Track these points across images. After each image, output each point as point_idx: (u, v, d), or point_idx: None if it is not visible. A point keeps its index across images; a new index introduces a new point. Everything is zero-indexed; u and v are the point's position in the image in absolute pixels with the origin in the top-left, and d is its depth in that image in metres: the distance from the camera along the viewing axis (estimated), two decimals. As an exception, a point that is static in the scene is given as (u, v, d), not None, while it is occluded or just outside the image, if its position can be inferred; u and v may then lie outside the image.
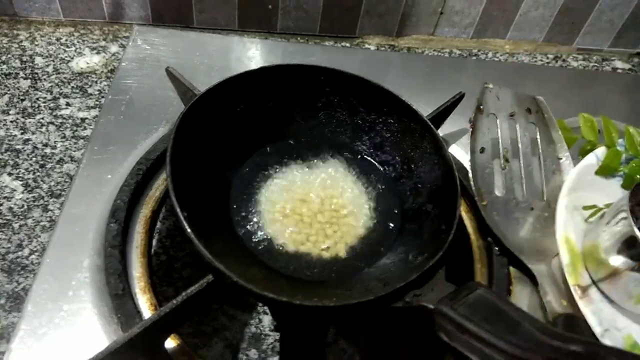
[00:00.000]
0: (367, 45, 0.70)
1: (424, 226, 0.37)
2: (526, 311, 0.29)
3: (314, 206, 0.39)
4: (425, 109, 0.42)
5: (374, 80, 0.42)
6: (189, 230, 0.29)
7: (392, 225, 0.39)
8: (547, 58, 0.73)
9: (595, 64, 0.73)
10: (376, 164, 0.43)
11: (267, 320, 0.40)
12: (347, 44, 0.70)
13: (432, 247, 0.34)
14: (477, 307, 0.28)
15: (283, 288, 0.33)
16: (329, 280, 0.36)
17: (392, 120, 0.42)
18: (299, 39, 0.69)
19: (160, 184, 0.40)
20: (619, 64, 0.74)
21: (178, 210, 0.30)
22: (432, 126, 0.39)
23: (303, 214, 0.39)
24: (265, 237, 0.37)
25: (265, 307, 0.41)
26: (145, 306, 0.34)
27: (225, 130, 0.40)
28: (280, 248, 0.37)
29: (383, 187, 0.42)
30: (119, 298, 0.33)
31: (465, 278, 0.39)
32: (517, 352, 0.24)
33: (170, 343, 0.33)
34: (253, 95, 0.41)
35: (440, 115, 0.45)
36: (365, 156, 0.44)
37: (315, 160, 0.43)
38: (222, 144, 0.39)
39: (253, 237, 0.37)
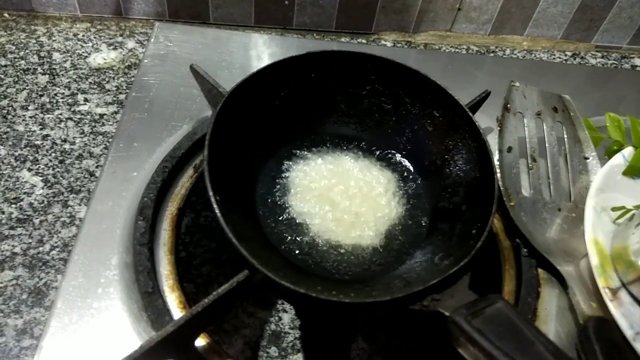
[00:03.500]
0: (383, 42, 0.70)
1: (456, 227, 0.37)
2: (551, 320, 0.29)
3: (345, 200, 0.39)
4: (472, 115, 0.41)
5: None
6: (230, 234, 0.29)
7: (424, 222, 0.39)
8: (565, 55, 0.72)
9: (614, 62, 0.73)
10: (415, 157, 0.43)
11: (286, 318, 0.40)
12: (364, 40, 0.69)
13: (459, 251, 0.33)
14: (492, 322, 0.27)
15: (304, 281, 0.33)
16: (355, 275, 0.36)
17: (437, 114, 0.40)
18: (314, 35, 0.69)
19: (185, 181, 0.40)
20: (638, 61, 0.73)
21: (221, 219, 0.29)
22: (478, 124, 0.38)
23: (333, 206, 0.38)
24: (292, 230, 0.37)
25: (285, 305, 0.41)
26: (174, 304, 0.34)
27: (265, 116, 0.39)
28: (307, 241, 0.36)
29: (419, 182, 0.41)
30: (148, 296, 0.33)
31: (492, 280, 0.39)
32: None
33: (200, 341, 0.33)
34: (297, 81, 0.40)
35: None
36: (407, 148, 0.43)
37: (353, 152, 0.43)
38: (261, 131, 0.39)
39: (280, 230, 0.37)
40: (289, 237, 0.37)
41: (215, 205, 0.29)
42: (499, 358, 0.25)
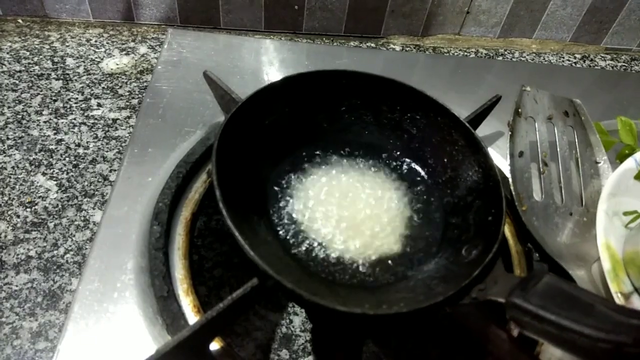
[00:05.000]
0: (392, 46, 0.70)
1: (469, 219, 0.37)
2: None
3: (354, 209, 0.39)
4: (453, 110, 0.42)
5: (401, 80, 0.41)
6: (247, 247, 0.29)
7: (436, 220, 0.39)
8: (575, 58, 0.72)
9: (624, 64, 0.72)
10: (407, 160, 0.43)
11: (297, 320, 0.40)
12: (373, 44, 0.69)
13: (484, 239, 0.33)
14: (548, 295, 0.27)
15: (350, 297, 0.33)
16: (390, 283, 0.36)
17: (418, 117, 0.41)
18: (324, 39, 0.69)
19: (199, 186, 0.40)
20: (648, 64, 0.73)
21: (232, 227, 0.29)
22: (459, 117, 0.39)
23: (343, 216, 0.38)
24: (307, 242, 0.37)
25: (296, 308, 0.41)
26: (189, 308, 0.34)
27: (257, 140, 0.40)
28: (323, 253, 0.36)
29: (419, 183, 0.42)
30: (164, 300, 0.33)
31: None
32: (601, 335, 0.24)
33: (214, 345, 0.33)
34: (278, 105, 0.40)
35: (478, 118, 0.45)
36: (395, 154, 0.43)
37: (347, 163, 0.43)
38: (256, 152, 0.39)
39: (294, 241, 0.37)
40: (314, 254, 0.36)
41: (243, 244, 0.29)
42: (572, 326, 0.24)
